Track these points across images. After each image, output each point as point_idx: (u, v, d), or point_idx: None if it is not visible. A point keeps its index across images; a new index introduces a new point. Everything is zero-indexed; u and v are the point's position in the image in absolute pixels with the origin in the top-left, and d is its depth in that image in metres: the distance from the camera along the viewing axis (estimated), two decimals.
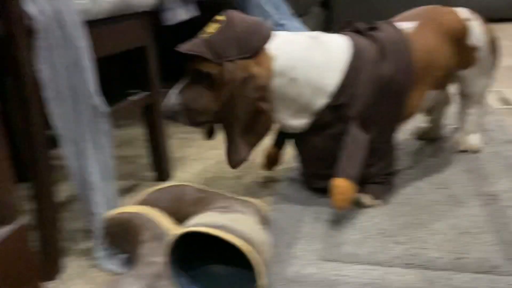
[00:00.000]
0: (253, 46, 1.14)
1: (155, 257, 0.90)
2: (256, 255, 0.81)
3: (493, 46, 1.44)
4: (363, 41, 1.23)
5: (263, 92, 1.14)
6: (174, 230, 0.97)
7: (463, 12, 1.43)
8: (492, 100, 2.09)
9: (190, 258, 0.90)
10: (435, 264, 0.98)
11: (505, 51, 2.99)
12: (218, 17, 1.17)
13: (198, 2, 1.74)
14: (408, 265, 0.99)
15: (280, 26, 2.12)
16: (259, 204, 1.12)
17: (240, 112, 1.14)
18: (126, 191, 1.45)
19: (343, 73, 1.18)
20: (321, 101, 1.18)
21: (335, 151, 1.18)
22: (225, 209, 0.99)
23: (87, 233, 1.13)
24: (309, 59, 1.17)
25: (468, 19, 1.41)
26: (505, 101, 2.08)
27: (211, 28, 1.15)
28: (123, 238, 0.99)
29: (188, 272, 0.90)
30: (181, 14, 1.49)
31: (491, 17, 4.49)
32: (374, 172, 1.23)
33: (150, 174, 1.54)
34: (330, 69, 1.18)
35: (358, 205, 1.23)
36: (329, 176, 1.16)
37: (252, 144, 1.18)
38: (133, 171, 1.60)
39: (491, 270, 0.95)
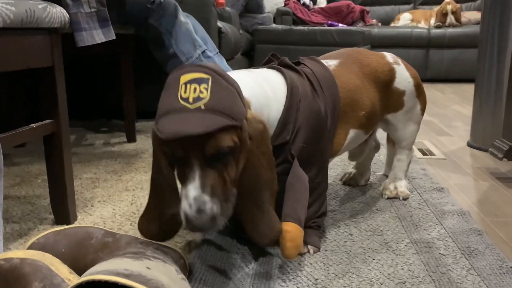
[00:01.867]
0: (242, 94, 0.94)
1: None
2: None
3: (419, 91, 1.43)
4: (295, 76, 1.16)
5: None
6: (74, 280, 0.79)
7: (390, 56, 1.42)
8: (415, 150, 2.11)
9: None
10: None
11: None
12: (190, 76, 0.86)
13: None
14: None
15: (208, 58, 2.04)
16: (178, 251, 0.96)
17: (267, 171, 0.95)
18: (18, 235, 1.23)
19: (283, 110, 1.07)
20: None
21: None
22: (138, 255, 0.82)
23: None
24: (265, 98, 1.05)
25: (395, 63, 1.39)
26: (426, 152, 2.10)
27: (194, 92, 0.84)
28: None
29: None
30: (98, 36, 1.34)
31: None
32: (308, 215, 1.12)
33: (51, 216, 1.33)
34: (276, 106, 1.07)
35: None
36: None
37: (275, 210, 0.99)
38: (30, 213, 1.38)
39: None
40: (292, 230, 0.97)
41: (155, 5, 1.99)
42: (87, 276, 0.66)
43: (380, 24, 5.47)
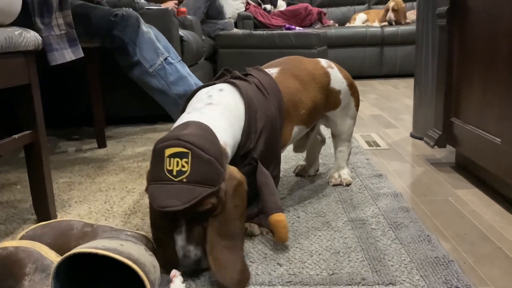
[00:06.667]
0: (221, 154, 1.10)
1: None
2: (142, 273, 0.83)
3: (352, 90, 1.64)
4: (247, 86, 1.33)
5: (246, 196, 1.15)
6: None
7: (324, 61, 1.62)
8: (362, 142, 2.33)
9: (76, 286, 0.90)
10: (312, 281, 1.07)
11: (372, 102, 3.37)
12: (172, 150, 1.02)
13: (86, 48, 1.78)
14: (289, 283, 1.07)
15: (170, 65, 2.22)
16: (147, 236, 1.14)
17: (238, 221, 1.11)
18: (5, 234, 1.38)
19: (244, 122, 1.25)
20: (232, 153, 1.22)
21: None
22: (113, 238, 1.00)
23: None
24: (234, 128, 1.21)
25: (329, 67, 1.60)
26: (372, 144, 2.32)
27: (177, 165, 1.02)
28: (6, 274, 0.96)
29: None
30: (68, 55, 1.51)
31: (361, 75, 5.10)
32: None
33: (33, 217, 1.49)
34: (239, 125, 1.24)
35: (246, 234, 1.30)
36: None
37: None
38: (14, 215, 1.53)
39: (361, 281, 1.06)
40: (282, 219, 1.18)
41: (118, 18, 2.18)
42: (70, 252, 0.83)
43: (337, 25, 5.73)
